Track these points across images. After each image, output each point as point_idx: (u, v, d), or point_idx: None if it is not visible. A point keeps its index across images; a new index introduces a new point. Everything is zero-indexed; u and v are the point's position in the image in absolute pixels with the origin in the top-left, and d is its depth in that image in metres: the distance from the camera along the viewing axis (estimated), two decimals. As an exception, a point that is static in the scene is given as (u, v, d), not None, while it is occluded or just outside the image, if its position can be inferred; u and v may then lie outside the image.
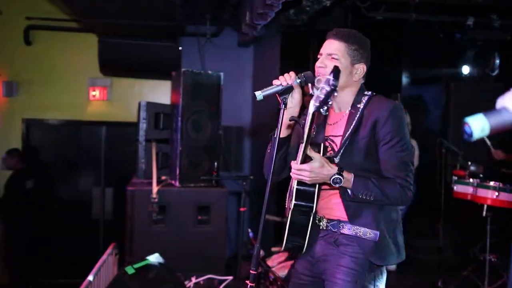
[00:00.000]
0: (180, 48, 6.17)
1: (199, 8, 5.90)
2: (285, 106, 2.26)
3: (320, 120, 2.42)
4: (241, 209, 3.89)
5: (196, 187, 4.82)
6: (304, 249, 2.30)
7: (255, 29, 4.94)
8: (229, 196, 4.98)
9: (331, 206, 2.30)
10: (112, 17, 5.26)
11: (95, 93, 6.85)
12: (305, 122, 2.05)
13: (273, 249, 4.61)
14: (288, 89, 2.24)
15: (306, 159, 2.10)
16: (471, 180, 4.63)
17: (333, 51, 2.25)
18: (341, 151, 2.24)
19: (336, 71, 1.92)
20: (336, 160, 2.23)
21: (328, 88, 1.88)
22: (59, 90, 6.82)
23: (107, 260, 4.27)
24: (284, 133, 2.36)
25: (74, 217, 6.94)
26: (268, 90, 2.24)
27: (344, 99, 2.31)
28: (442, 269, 4.99)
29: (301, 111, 2.38)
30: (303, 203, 2.22)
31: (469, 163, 5.02)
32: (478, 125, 1.42)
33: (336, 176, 2.10)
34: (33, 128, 6.97)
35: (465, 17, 5.30)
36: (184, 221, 4.74)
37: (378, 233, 2.20)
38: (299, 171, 2.10)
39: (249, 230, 4.28)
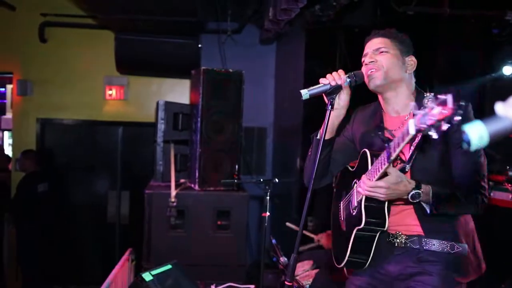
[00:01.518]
0: (200, 45, 6.20)
1: (220, 3, 5.92)
2: (332, 107, 2.21)
3: (371, 125, 2.37)
4: (264, 214, 3.89)
5: (216, 191, 4.83)
6: (366, 266, 2.25)
7: (279, 26, 4.94)
8: (250, 201, 4.97)
9: (407, 222, 2.23)
10: (130, 13, 5.31)
11: (112, 92, 6.92)
12: (389, 138, 2.02)
13: (288, 224, 4.61)
14: (336, 89, 2.19)
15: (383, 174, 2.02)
16: (510, 186, 4.55)
17: (380, 45, 2.23)
18: (411, 161, 2.15)
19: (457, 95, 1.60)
20: (407, 169, 2.15)
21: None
22: (74, 89, 6.91)
23: (124, 266, 4.31)
24: (328, 135, 2.31)
25: (89, 221, 7.02)
26: (315, 89, 2.19)
27: (396, 100, 2.25)
28: (477, 283, 4.90)
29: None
30: (373, 220, 2.14)
31: (508, 167, 4.93)
32: (476, 134, 1.38)
33: (416, 191, 2.03)
34: (48, 128, 7.06)
35: (503, 11, 5.22)
36: (203, 226, 4.75)
37: (466, 246, 2.15)
38: (373, 188, 2.03)
39: (271, 237, 4.28)
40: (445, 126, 1.52)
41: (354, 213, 2.22)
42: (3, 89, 8.97)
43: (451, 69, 6.38)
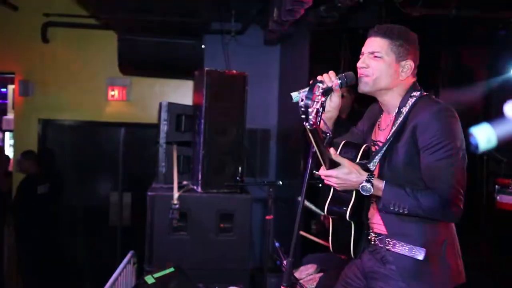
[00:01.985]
0: (203, 46, 6.23)
1: (224, 3, 5.94)
2: (323, 109, 2.22)
3: (371, 122, 2.43)
4: (268, 217, 3.91)
5: (219, 193, 4.83)
6: (352, 255, 2.31)
7: (283, 27, 4.96)
8: (254, 203, 4.99)
9: (375, 219, 2.28)
10: (133, 13, 5.34)
11: (114, 93, 6.96)
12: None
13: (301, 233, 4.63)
14: (328, 91, 2.21)
15: (335, 164, 2.08)
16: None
17: (375, 49, 2.21)
18: (376, 158, 2.20)
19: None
20: (371, 167, 2.20)
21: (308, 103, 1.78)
22: (76, 89, 6.95)
23: (125, 269, 4.33)
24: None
25: (90, 223, 7.04)
26: (306, 92, 2.22)
27: (391, 101, 2.27)
28: (484, 285, 4.92)
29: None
30: (335, 209, 2.22)
31: (514, 171, 4.95)
32: (483, 136, 1.39)
33: (365, 184, 2.06)
34: (50, 129, 7.09)
35: (510, 13, 5.23)
36: (206, 229, 4.75)
37: (424, 250, 2.12)
38: (326, 177, 2.11)
39: (275, 240, 4.29)
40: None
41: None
42: (4, 90, 9.01)
43: (456, 71, 6.40)
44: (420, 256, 2.12)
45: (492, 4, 5.32)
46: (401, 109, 2.20)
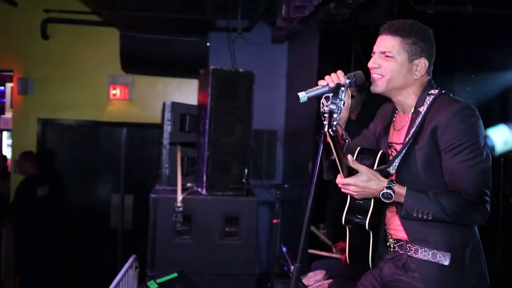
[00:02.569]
0: (208, 44, 6.23)
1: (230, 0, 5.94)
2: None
3: (385, 123, 2.39)
4: (274, 220, 3.90)
5: (224, 196, 4.83)
6: (370, 266, 2.28)
7: (291, 24, 4.95)
8: (260, 206, 4.98)
9: (394, 225, 2.25)
10: (136, 10, 5.34)
11: (116, 91, 6.96)
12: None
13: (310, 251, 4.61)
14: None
15: (353, 171, 2.05)
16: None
17: (386, 48, 2.18)
18: (396, 162, 2.16)
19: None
20: (391, 171, 2.16)
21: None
22: (77, 88, 6.96)
23: (127, 274, 4.33)
24: None
25: (90, 226, 7.05)
26: (313, 91, 2.17)
27: (406, 101, 2.24)
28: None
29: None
30: (353, 218, 2.18)
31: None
32: (500, 138, 1.38)
33: (386, 191, 2.03)
34: (49, 128, 7.11)
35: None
36: (210, 233, 4.75)
37: (449, 255, 2.10)
38: (343, 185, 2.07)
39: (282, 245, 4.28)
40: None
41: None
42: (2, 88, 9.03)
43: (472, 68, 6.36)
44: (446, 262, 2.10)
45: (509, 2, 5.29)
46: (419, 109, 2.17)
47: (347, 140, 2.01)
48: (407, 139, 2.16)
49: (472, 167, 2.02)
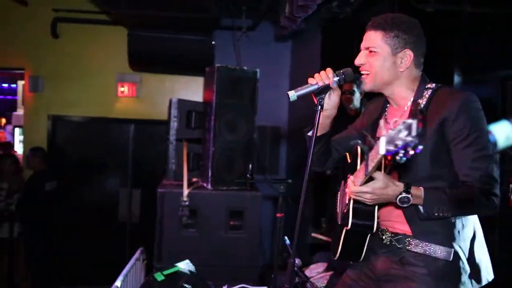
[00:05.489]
0: (213, 42, 6.23)
1: (235, -1, 5.95)
2: (322, 108, 2.17)
3: (373, 118, 2.35)
4: (278, 215, 3.90)
5: (228, 190, 4.84)
6: (362, 259, 2.25)
7: (295, 23, 4.95)
8: (264, 201, 4.99)
9: (394, 218, 2.18)
10: (143, 9, 5.35)
11: (124, 89, 6.99)
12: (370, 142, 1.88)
13: (313, 234, 4.60)
14: (325, 89, 2.16)
15: (369, 179, 1.94)
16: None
17: (370, 44, 2.14)
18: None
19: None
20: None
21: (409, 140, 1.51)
22: (86, 85, 6.99)
23: (135, 266, 4.35)
24: (319, 132, 2.31)
25: (99, 220, 7.08)
26: (303, 90, 2.17)
27: (399, 94, 2.20)
28: (499, 286, 4.88)
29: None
30: (361, 223, 2.12)
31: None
32: (502, 133, 1.37)
33: (403, 195, 1.92)
34: (59, 125, 7.13)
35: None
36: (215, 226, 4.76)
37: (452, 250, 2.05)
38: (358, 194, 1.95)
39: (286, 237, 4.29)
40: (411, 152, 1.51)
41: (345, 211, 2.20)
42: (14, 85, 9.09)
43: (471, 66, 6.33)
44: (449, 256, 2.05)
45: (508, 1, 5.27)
46: (418, 101, 2.12)
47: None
48: None
49: (484, 157, 1.98)
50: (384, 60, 2.12)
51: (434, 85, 2.15)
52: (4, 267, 6.54)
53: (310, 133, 2.36)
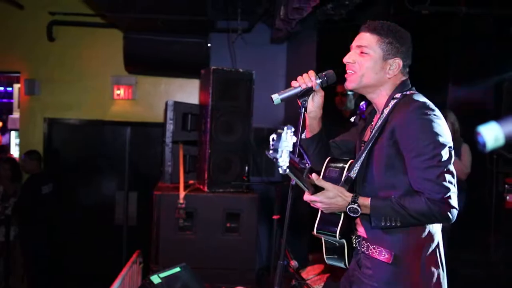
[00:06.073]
0: (209, 44, 6.22)
1: (231, 2, 5.93)
2: (305, 110, 2.24)
3: (365, 122, 2.37)
4: (274, 217, 3.90)
5: (225, 193, 4.84)
6: (347, 266, 2.29)
7: (290, 25, 4.95)
8: (260, 203, 4.98)
9: (358, 222, 2.24)
10: (138, 12, 5.34)
11: (120, 92, 6.96)
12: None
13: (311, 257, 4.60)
14: (308, 91, 2.21)
15: (319, 188, 2.05)
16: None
17: (363, 44, 2.16)
18: (357, 166, 2.15)
19: None
20: (352, 175, 2.14)
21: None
22: (82, 88, 6.96)
23: (131, 269, 4.34)
24: (309, 134, 2.37)
25: (96, 223, 7.04)
26: (286, 93, 2.20)
27: (378, 100, 2.22)
28: (494, 285, 4.89)
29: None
30: (324, 230, 2.19)
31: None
32: (491, 135, 1.37)
33: (351, 205, 2.03)
34: (55, 128, 7.11)
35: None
36: (212, 229, 4.76)
37: (392, 253, 2.07)
38: (311, 202, 2.08)
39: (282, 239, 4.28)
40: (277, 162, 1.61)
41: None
42: (10, 89, 9.05)
43: (466, 68, 6.35)
44: (394, 261, 2.07)
45: (502, 1, 5.28)
46: (384, 110, 2.15)
47: (306, 165, 1.93)
48: (368, 141, 2.15)
49: (433, 166, 1.97)
50: (375, 63, 2.15)
51: (399, 95, 2.15)
52: (1, 269, 6.51)
53: (303, 137, 2.40)
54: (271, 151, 1.64)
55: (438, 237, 2.14)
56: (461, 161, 4.86)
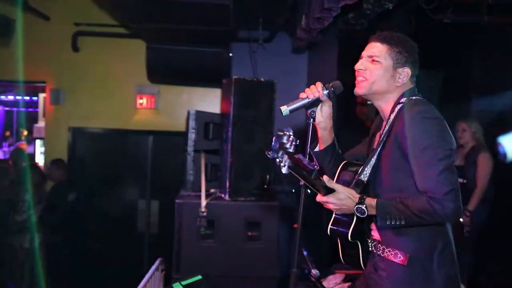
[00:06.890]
0: (230, 54, 6.26)
1: (252, 12, 5.96)
2: (314, 120, 2.31)
3: (375, 130, 2.43)
4: (295, 225, 3.88)
5: (246, 201, 4.85)
6: (363, 266, 2.36)
7: (311, 34, 4.95)
8: (282, 211, 4.97)
9: (373, 226, 2.30)
10: (161, 22, 5.40)
11: (143, 101, 7.03)
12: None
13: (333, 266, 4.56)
14: (316, 102, 2.28)
15: (330, 190, 2.14)
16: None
17: (374, 53, 2.24)
18: (367, 170, 2.21)
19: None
20: (364, 180, 2.20)
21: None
22: (106, 98, 7.04)
23: (153, 276, 4.35)
24: (322, 145, 2.45)
25: (118, 231, 7.10)
26: (295, 104, 2.26)
27: (386, 107, 2.28)
28: (496, 285, 4.82)
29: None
30: (337, 230, 2.28)
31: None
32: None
33: (358, 206, 2.10)
34: (79, 136, 7.20)
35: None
36: (233, 237, 4.77)
37: (407, 255, 2.12)
38: (324, 203, 2.18)
39: (303, 249, 4.26)
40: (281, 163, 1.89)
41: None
42: (36, 98, 9.20)
43: (488, 78, 6.28)
44: (408, 263, 2.12)
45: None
46: (390, 115, 2.22)
47: (315, 167, 1.99)
48: (377, 146, 2.22)
49: (433, 165, 2.03)
50: (386, 71, 2.22)
51: (405, 99, 2.21)
52: (26, 275, 6.58)
53: (316, 149, 2.49)
54: (270, 152, 1.77)
55: (450, 236, 2.20)
56: (478, 169, 4.83)
